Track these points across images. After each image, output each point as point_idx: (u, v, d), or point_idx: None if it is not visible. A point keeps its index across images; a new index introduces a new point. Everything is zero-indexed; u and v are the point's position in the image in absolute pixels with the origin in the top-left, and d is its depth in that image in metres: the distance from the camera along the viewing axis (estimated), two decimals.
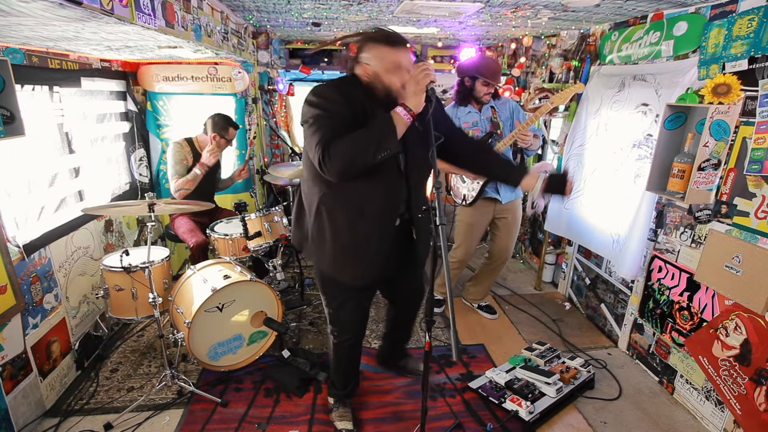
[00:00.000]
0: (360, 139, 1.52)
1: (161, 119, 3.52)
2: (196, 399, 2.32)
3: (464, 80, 2.81)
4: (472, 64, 2.76)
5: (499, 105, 2.89)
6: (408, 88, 1.53)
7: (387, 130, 1.51)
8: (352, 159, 1.53)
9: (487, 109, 2.85)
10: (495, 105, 2.87)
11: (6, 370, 1.98)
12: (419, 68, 1.51)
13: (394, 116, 1.52)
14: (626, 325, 2.82)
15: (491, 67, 2.73)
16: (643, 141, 2.60)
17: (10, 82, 1.91)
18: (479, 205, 2.90)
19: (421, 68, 1.51)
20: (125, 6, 1.51)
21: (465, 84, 2.81)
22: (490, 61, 2.76)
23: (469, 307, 3.32)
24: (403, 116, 1.52)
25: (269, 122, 4.36)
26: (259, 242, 2.79)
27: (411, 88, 1.52)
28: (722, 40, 2.06)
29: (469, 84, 2.78)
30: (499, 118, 2.85)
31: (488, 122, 2.83)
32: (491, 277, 3.18)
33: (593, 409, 2.34)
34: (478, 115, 2.84)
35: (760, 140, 1.90)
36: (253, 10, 2.85)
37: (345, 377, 2.20)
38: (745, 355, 1.99)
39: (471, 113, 2.84)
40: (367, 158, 1.52)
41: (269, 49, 4.01)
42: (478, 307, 3.28)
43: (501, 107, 2.90)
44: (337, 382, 2.20)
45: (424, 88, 1.52)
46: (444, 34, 3.82)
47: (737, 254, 1.98)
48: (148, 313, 2.55)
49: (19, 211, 2.18)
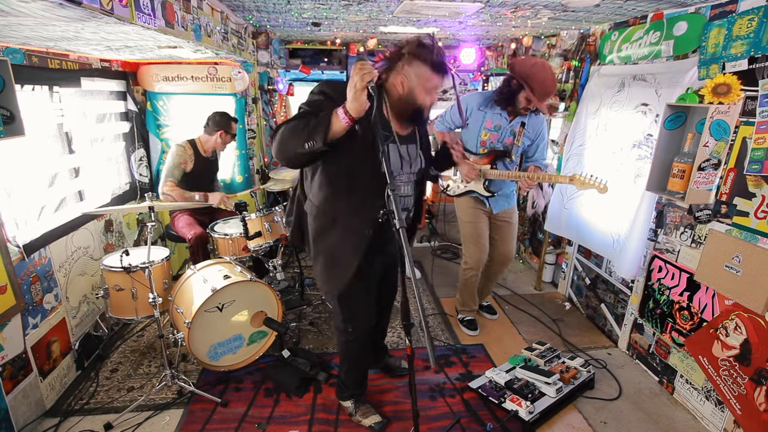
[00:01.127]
0: (297, 127, 1.54)
1: (161, 119, 3.52)
2: (196, 399, 2.32)
3: (512, 81, 2.48)
4: (528, 69, 2.37)
5: (531, 122, 2.61)
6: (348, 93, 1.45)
7: (320, 126, 1.48)
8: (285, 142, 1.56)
9: (518, 122, 2.59)
10: (527, 122, 2.59)
11: (6, 370, 1.98)
12: (356, 70, 1.42)
13: (333, 116, 1.48)
14: (626, 325, 2.82)
15: (545, 84, 2.36)
16: (643, 141, 2.60)
17: (10, 82, 1.91)
18: (471, 204, 2.81)
19: (357, 70, 1.42)
20: (125, 6, 1.51)
21: (511, 85, 2.48)
22: (546, 76, 2.36)
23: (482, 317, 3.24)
24: (342, 119, 1.46)
25: (269, 122, 4.37)
26: (259, 242, 2.79)
27: (350, 93, 1.44)
28: (722, 40, 2.06)
29: (515, 87, 2.46)
30: (522, 140, 2.62)
31: (510, 135, 2.62)
32: (493, 279, 3.13)
33: (593, 409, 2.34)
34: (506, 122, 2.60)
35: (760, 140, 1.90)
36: (253, 10, 2.85)
37: (359, 375, 2.20)
38: (745, 355, 1.99)
39: (500, 116, 2.59)
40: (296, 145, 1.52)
41: (269, 49, 4.01)
42: (479, 308, 3.24)
43: (532, 126, 2.63)
44: (351, 382, 2.19)
45: (363, 90, 1.43)
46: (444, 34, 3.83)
47: (737, 254, 1.98)
48: (148, 313, 2.55)
49: (19, 211, 2.18)
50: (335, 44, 4.48)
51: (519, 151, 2.69)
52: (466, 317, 3.09)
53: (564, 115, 3.47)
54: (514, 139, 2.64)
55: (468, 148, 2.72)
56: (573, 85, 3.38)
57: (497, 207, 2.81)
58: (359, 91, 1.42)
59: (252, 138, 3.87)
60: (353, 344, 2.07)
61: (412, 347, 1.54)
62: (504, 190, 2.79)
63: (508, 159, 2.68)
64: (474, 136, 2.69)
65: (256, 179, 3.94)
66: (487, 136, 2.66)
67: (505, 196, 2.83)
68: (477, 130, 2.67)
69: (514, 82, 2.46)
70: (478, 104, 2.64)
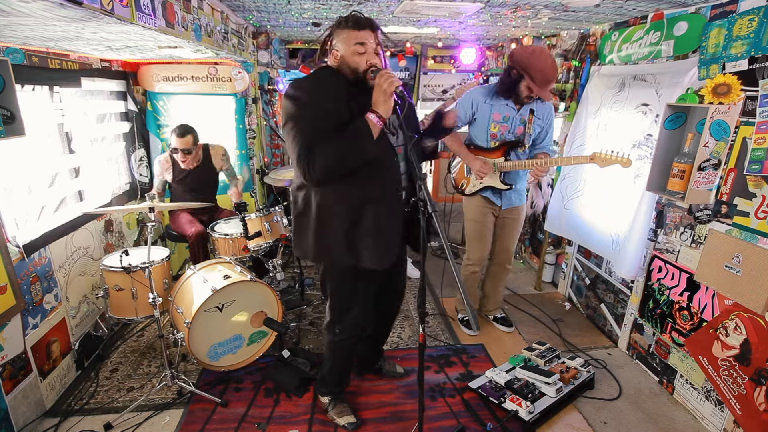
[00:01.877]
0: (341, 146, 1.63)
1: (161, 119, 3.53)
2: (196, 399, 2.32)
3: (512, 71, 2.46)
4: (526, 58, 2.38)
5: (540, 110, 2.59)
6: (377, 98, 1.64)
7: (365, 135, 1.63)
8: (336, 166, 1.65)
9: (526, 110, 2.57)
10: (536, 109, 2.57)
11: (6, 370, 1.98)
12: (383, 77, 1.61)
13: (369, 122, 1.63)
14: (626, 325, 2.82)
15: (545, 72, 2.35)
16: (643, 141, 2.60)
17: (10, 82, 1.92)
18: (481, 204, 2.78)
19: (384, 77, 1.61)
20: (125, 6, 1.51)
21: (511, 75, 2.46)
22: (545, 64, 2.35)
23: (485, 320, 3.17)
24: (376, 122, 1.64)
25: (269, 122, 4.37)
26: (259, 242, 2.79)
27: (380, 98, 1.63)
28: (722, 40, 2.06)
29: (515, 77, 2.44)
30: (533, 128, 2.60)
31: (520, 124, 2.60)
32: (498, 283, 3.05)
33: (593, 409, 2.34)
34: (515, 112, 2.57)
35: (760, 140, 1.90)
36: (253, 10, 2.85)
37: (341, 376, 2.20)
38: (744, 355, 1.99)
39: (507, 106, 2.57)
40: (350, 164, 1.66)
41: (269, 49, 4.01)
42: (494, 319, 3.11)
43: (541, 113, 2.60)
44: (332, 380, 2.20)
45: (392, 95, 1.62)
46: (444, 34, 3.83)
47: (737, 254, 1.98)
48: (148, 313, 2.55)
49: (19, 211, 2.18)
50: None
51: (531, 140, 2.66)
52: (466, 317, 3.09)
53: (564, 115, 3.47)
54: (525, 127, 2.61)
55: (478, 143, 2.68)
56: (573, 85, 3.38)
57: (508, 203, 2.76)
58: (389, 95, 1.62)
59: (252, 138, 3.87)
60: (338, 346, 2.08)
61: (424, 335, 1.60)
62: (519, 184, 2.75)
63: (521, 149, 2.64)
64: (483, 130, 2.64)
65: (256, 179, 3.94)
66: (497, 128, 2.62)
67: (518, 192, 2.78)
68: (486, 123, 2.62)
69: (514, 71, 2.44)
70: (484, 97, 2.60)
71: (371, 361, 2.53)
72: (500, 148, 2.64)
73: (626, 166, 2.36)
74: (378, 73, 1.63)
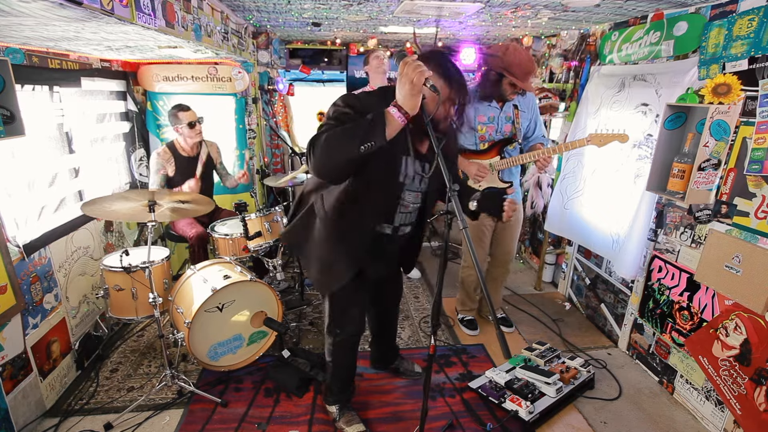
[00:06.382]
0: (346, 133, 1.41)
1: (161, 119, 3.52)
2: (196, 399, 2.32)
3: (490, 73, 2.45)
4: (501, 58, 2.37)
5: (523, 104, 2.61)
6: (402, 88, 1.36)
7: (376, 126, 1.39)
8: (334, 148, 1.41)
9: (509, 106, 2.58)
10: (519, 103, 2.59)
11: (6, 370, 1.98)
12: (411, 66, 1.33)
13: (387, 116, 1.39)
14: (626, 325, 2.82)
15: (523, 66, 2.35)
16: (643, 141, 2.60)
17: (10, 82, 1.92)
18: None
19: (413, 66, 1.33)
20: (125, 6, 1.51)
21: (490, 77, 2.45)
22: (521, 57, 2.35)
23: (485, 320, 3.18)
24: (397, 118, 1.38)
25: (269, 122, 4.37)
26: (259, 242, 2.79)
27: (406, 88, 1.34)
28: (722, 40, 2.06)
29: (495, 78, 2.42)
30: (521, 122, 2.60)
31: (506, 121, 2.61)
32: (498, 283, 3.07)
33: (593, 409, 2.34)
34: (498, 111, 2.58)
35: (760, 140, 1.90)
36: (253, 10, 2.85)
37: (345, 380, 2.20)
38: (745, 355, 1.99)
39: (490, 107, 2.57)
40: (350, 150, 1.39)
41: (269, 49, 4.01)
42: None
43: (525, 105, 2.62)
44: (337, 387, 2.19)
45: (420, 88, 1.35)
46: (444, 34, 3.83)
47: (737, 254, 1.98)
48: (148, 313, 2.55)
49: (19, 211, 2.18)
50: (335, 44, 4.48)
51: (522, 134, 2.68)
52: (466, 317, 3.09)
53: (564, 115, 3.47)
54: (512, 124, 2.62)
55: (468, 147, 2.70)
56: (573, 85, 3.38)
57: None
58: (417, 87, 1.34)
59: (252, 138, 3.87)
60: (339, 347, 2.08)
61: (435, 347, 1.60)
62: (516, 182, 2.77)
63: (514, 144, 2.66)
64: (471, 134, 2.65)
65: (256, 179, 3.94)
66: (484, 130, 2.63)
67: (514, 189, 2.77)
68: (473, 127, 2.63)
69: (493, 73, 2.45)
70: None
71: (387, 359, 2.53)
72: (493, 148, 2.66)
73: (624, 141, 2.35)
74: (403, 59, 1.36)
